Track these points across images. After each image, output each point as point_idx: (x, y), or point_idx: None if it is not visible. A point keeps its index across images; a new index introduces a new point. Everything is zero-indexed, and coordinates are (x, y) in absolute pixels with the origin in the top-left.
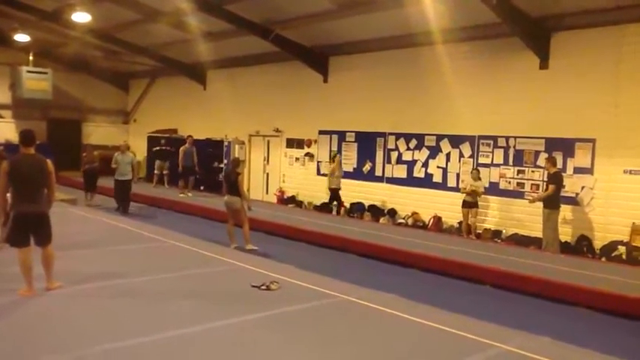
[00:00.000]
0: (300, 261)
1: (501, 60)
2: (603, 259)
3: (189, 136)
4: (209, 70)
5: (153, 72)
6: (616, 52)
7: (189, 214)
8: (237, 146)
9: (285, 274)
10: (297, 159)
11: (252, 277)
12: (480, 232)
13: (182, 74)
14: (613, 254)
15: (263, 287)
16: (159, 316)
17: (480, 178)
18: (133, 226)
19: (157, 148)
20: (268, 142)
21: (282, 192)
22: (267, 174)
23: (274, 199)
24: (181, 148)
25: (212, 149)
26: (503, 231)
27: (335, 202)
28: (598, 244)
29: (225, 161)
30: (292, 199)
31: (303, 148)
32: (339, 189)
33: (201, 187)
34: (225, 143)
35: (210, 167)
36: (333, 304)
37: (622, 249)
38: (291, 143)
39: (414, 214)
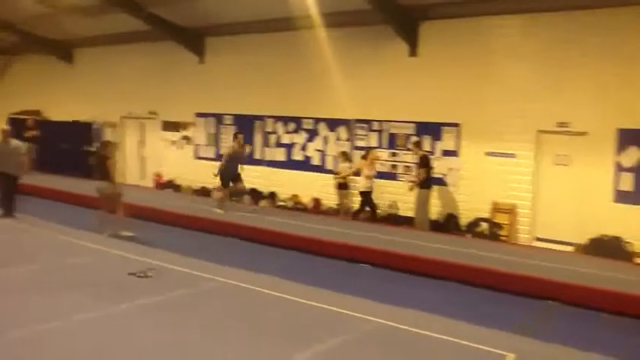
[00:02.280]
0: (178, 247)
1: (374, 46)
2: (469, 235)
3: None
4: (77, 49)
5: (13, 48)
6: (481, 42)
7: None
8: (108, 129)
9: (163, 261)
10: (173, 142)
11: (129, 265)
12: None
13: (47, 52)
14: (477, 230)
15: (140, 274)
16: (34, 308)
17: (349, 160)
18: None
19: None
20: (143, 124)
21: (159, 176)
22: (144, 158)
23: (152, 184)
24: None
25: (80, 131)
26: (378, 211)
27: (367, 208)
28: (465, 221)
29: (95, 145)
30: (170, 184)
31: (179, 130)
32: (371, 191)
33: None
34: (95, 126)
35: (77, 151)
36: (213, 289)
37: (484, 225)
38: (168, 126)
39: (294, 196)
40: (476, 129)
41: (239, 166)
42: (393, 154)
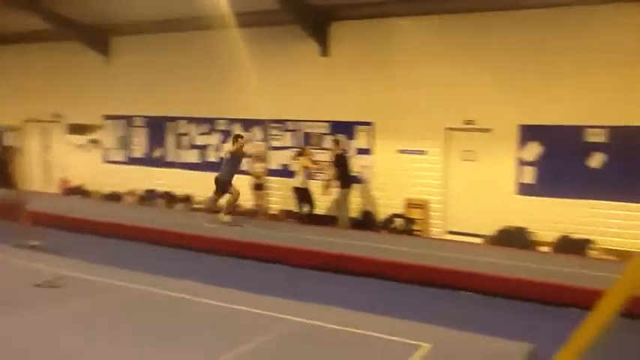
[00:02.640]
0: (87, 254)
1: (285, 46)
2: (384, 231)
3: None
4: None
5: None
6: (392, 42)
7: None
8: (9, 133)
9: (72, 269)
10: (80, 146)
11: (35, 275)
12: (277, 213)
13: None
14: (392, 226)
15: (49, 285)
16: None
17: (262, 160)
18: None
19: None
20: (47, 128)
21: (66, 182)
22: (48, 163)
23: (58, 190)
24: None
25: None
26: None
27: (306, 206)
28: (380, 217)
29: None
30: (78, 189)
31: (86, 134)
32: (308, 188)
33: None
34: None
35: None
36: (128, 296)
37: (399, 221)
38: (74, 129)
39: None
40: (388, 127)
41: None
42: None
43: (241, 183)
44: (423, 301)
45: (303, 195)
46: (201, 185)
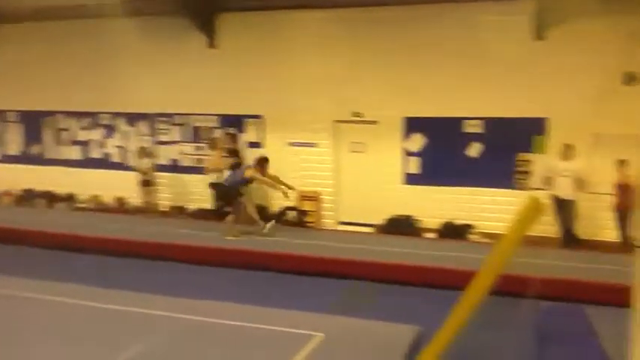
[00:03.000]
0: None
1: (172, 37)
2: (278, 224)
3: None
4: None
5: None
6: (281, 35)
7: None
8: None
9: None
10: None
11: None
12: (167, 209)
13: None
14: (285, 219)
15: None
16: None
17: (149, 156)
18: None
19: None
20: None
21: None
22: None
23: None
24: None
25: None
26: (187, 207)
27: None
28: (273, 211)
29: None
30: None
31: None
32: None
33: None
34: None
35: None
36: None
37: (292, 214)
38: None
39: (95, 196)
40: (278, 120)
41: None
42: (198, 148)
43: (128, 179)
44: (316, 292)
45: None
46: (84, 182)
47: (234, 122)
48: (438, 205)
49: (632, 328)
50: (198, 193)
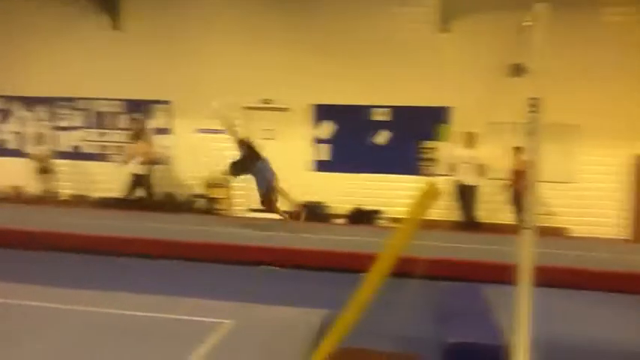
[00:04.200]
0: None
1: (72, 18)
2: (187, 212)
3: None
4: None
5: None
6: (189, 19)
7: None
8: None
9: None
10: None
11: None
12: (68, 198)
13: None
14: (195, 206)
15: None
16: None
17: (44, 143)
18: None
19: None
20: None
21: None
22: None
23: None
24: None
25: None
26: (90, 195)
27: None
28: (182, 198)
29: None
30: None
31: None
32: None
33: None
34: None
35: None
36: None
37: (202, 201)
38: None
39: None
40: (188, 106)
41: None
42: (102, 134)
43: (24, 167)
44: (226, 279)
45: (137, 180)
46: None
47: (140, 108)
48: (348, 191)
49: (518, 303)
50: (104, 181)
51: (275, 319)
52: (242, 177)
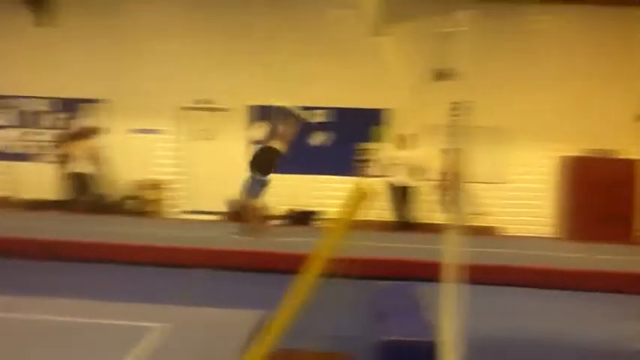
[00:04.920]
0: None
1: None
2: (118, 214)
3: None
4: None
5: None
6: (122, 17)
7: None
8: None
9: None
10: None
11: None
12: None
13: None
14: (126, 208)
15: None
16: None
17: None
18: None
19: None
20: None
21: None
22: None
23: None
24: None
25: None
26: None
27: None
28: (114, 199)
29: None
30: None
31: None
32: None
33: None
34: None
35: None
36: None
37: (134, 203)
38: None
39: None
40: (122, 105)
41: None
42: (26, 134)
43: None
44: (159, 282)
45: (81, 181)
46: None
47: (71, 107)
48: (285, 192)
49: (445, 300)
50: (34, 182)
51: (210, 322)
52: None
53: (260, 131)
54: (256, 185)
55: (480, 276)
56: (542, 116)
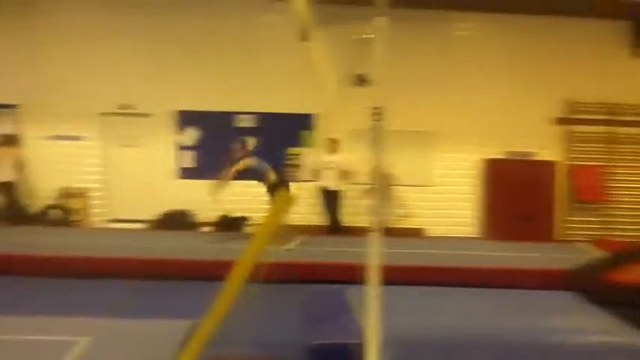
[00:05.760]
0: None
1: None
2: (40, 224)
3: None
4: None
5: None
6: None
7: None
8: None
9: None
10: None
11: None
12: None
13: None
14: (49, 218)
15: None
16: None
17: None
18: None
19: None
20: None
21: None
22: None
23: None
24: None
25: None
26: None
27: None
28: (35, 209)
29: None
30: None
31: None
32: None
33: None
34: None
35: None
36: None
37: (56, 212)
38: None
39: None
40: (39, 111)
41: None
42: None
43: None
44: (82, 294)
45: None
46: None
47: None
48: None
49: (367, 302)
50: None
51: (136, 334)
52: None
53: (187, 137)
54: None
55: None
56: (465, 120)
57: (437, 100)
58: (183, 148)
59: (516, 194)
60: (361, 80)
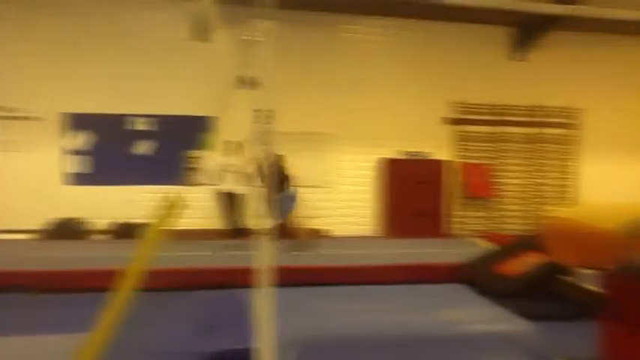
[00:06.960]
0: None
1: None
2: None
3: None
4: None
5: None
6: None
7: None
8: None
9: None
10: None
11: None
12: None
13: None
14: None
15: None
16: None
17: None
18: None
19: None
20: None
21: None
22: None
23: None
24: None
25: None
26: None
27: None
28: None
29: None
30: None
31: None
32: None
33: None
34: None
35: None
36: None
37: None
38: None
39: None
40: None
41: None
42: None
43: None
44: None
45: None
46: None
47: None
48: (111, 205)
49: (261, 305)
50: None
51: (23, 352)
52: None
53: (79, 141)
54: (288, 201)
55: (307, 278)
56: (362, 122)
57: (333, 102)
58: (76, 152)
59: (413, 193)
60: (250, 83)
